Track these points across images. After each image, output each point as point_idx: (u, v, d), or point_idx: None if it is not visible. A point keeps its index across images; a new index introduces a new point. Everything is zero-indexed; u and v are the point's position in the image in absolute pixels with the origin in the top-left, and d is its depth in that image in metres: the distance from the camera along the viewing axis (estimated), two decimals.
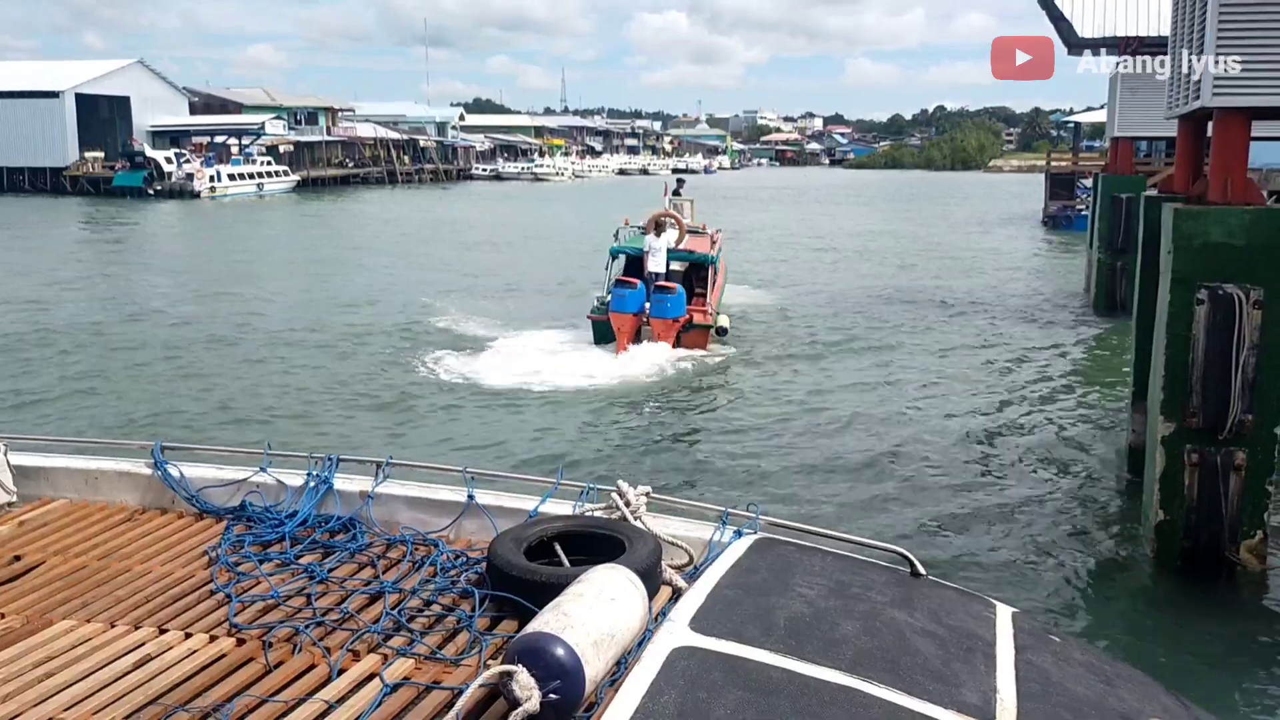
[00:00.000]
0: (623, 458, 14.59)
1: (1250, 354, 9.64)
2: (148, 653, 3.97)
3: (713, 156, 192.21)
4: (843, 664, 3.04)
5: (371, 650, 4.01)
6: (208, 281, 32.97)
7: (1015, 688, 3.12)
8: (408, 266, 37.93)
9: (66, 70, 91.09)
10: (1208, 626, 9.71)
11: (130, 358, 21.08)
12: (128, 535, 5.26)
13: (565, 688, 3.20)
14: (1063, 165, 61.57)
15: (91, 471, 5.84)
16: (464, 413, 16.78)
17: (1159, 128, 20.73)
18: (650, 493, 4.89)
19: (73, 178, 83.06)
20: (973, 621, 3.57)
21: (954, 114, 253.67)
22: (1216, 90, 9.77)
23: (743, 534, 4.41)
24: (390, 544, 5.03)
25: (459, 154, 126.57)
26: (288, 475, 5.62)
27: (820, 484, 13.55)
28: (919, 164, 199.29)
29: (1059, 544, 11.66)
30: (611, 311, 21.16)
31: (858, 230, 56.57)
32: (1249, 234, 9.74)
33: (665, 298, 21.16)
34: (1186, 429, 9.97)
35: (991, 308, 29.15)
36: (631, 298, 21.05)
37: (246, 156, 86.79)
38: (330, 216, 66.14)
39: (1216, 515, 9.93)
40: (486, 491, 5.32)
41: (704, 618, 3.19)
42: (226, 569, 4.74)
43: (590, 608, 3.44)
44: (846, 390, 18.80)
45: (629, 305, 21.05)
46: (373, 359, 20.86)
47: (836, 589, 3.61)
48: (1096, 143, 70.59)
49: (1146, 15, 25.51)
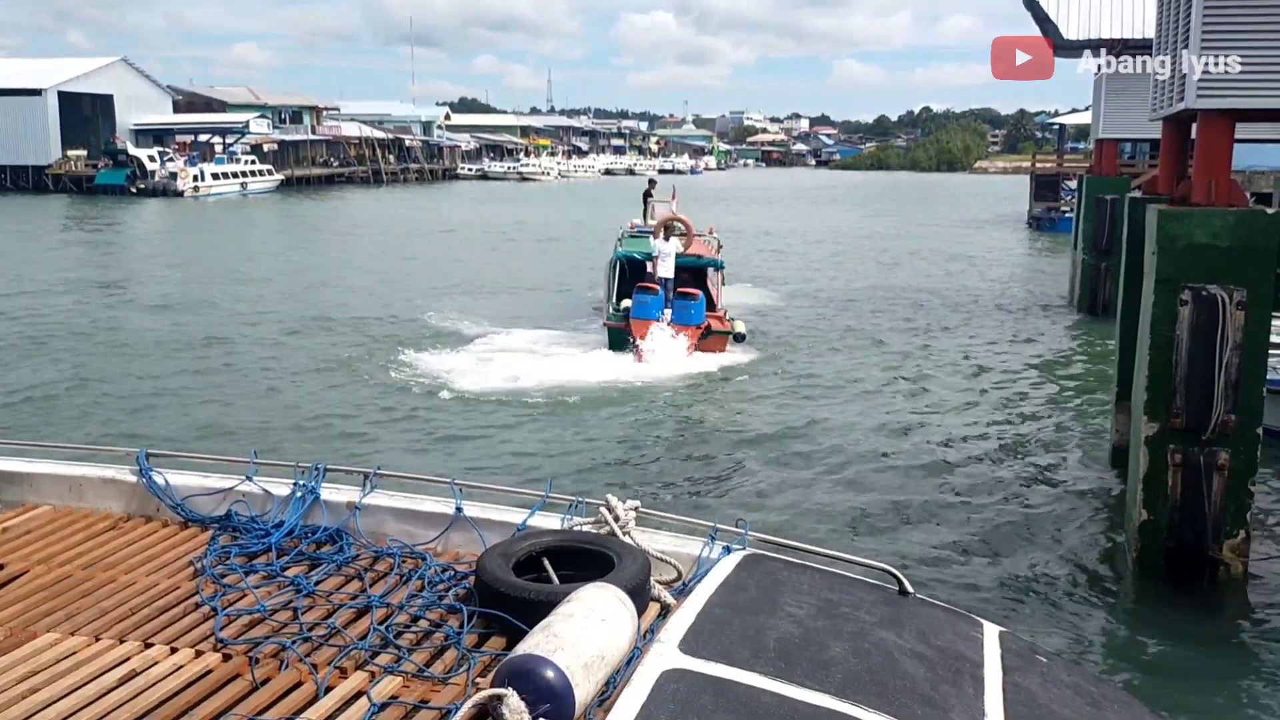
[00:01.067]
0: (611, 467, 14.50)
1: (1233, 355, 9.68)
2: (133, 668, 3.93)
3: (699, 157, 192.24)
4: (832, 687, 3.04)
5: (359, 667, 3.98)
6: (191, 283, 32.82)
7: (1003, 711, 3.13)
8: (395, 268, 37.85)
9: (49, 68, 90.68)
10: (1190, 626, 9.76)
11: (114, 361, 20.95)
12: (112, 544, 5.22)
13: (555, 711, 3.18)
14: (1048, 167, 61.86)
15: (75, 478, 5.78)
16: (454, 418, 16.65)
17: (1143, 130, 20.76)
18: (639, 507, 4.88)
19: (55, 176, 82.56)
20: (960, 642, 3.57)
21: (940, 115, 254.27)
22: (1201, 92, 9.81)
23: (731, 550, 4.41)
24: (378, 556, 5.00)
25: (444, 153, 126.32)
26: (274, 484, 5.57)
27: (806, 495, 13.50)
28: (905, 165, 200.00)
29: (1043, 545, 11.69)
30: (633, 318, 20.84)
31: (844, 231, 56.70)
32: (1232, 235, 9.77)
33: (688, 304, 21.02)
34: (1170, 429, 10.00)
35: (976, 309, 29.23)
36: (654, 304, 20.77)
37: (230, 155, 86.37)
38: (315, 216, 65.93)
39: (1200, 515, 9.95)
40: (475, 503, 5.28)
41: (694, 639, 3.18)
42: (212, 581, 4.70)
43: (580, 629, 3.42)
44: (830, 395, 18.77)
45: (651, 312, 20.75)
46: (360, 363, 20.72)
47: (825, 608, 3.61)
48: (1081, 144, 70.84)
49: (1132, 17, 25.59)
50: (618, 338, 21.09)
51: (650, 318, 20.70)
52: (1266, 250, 9.87)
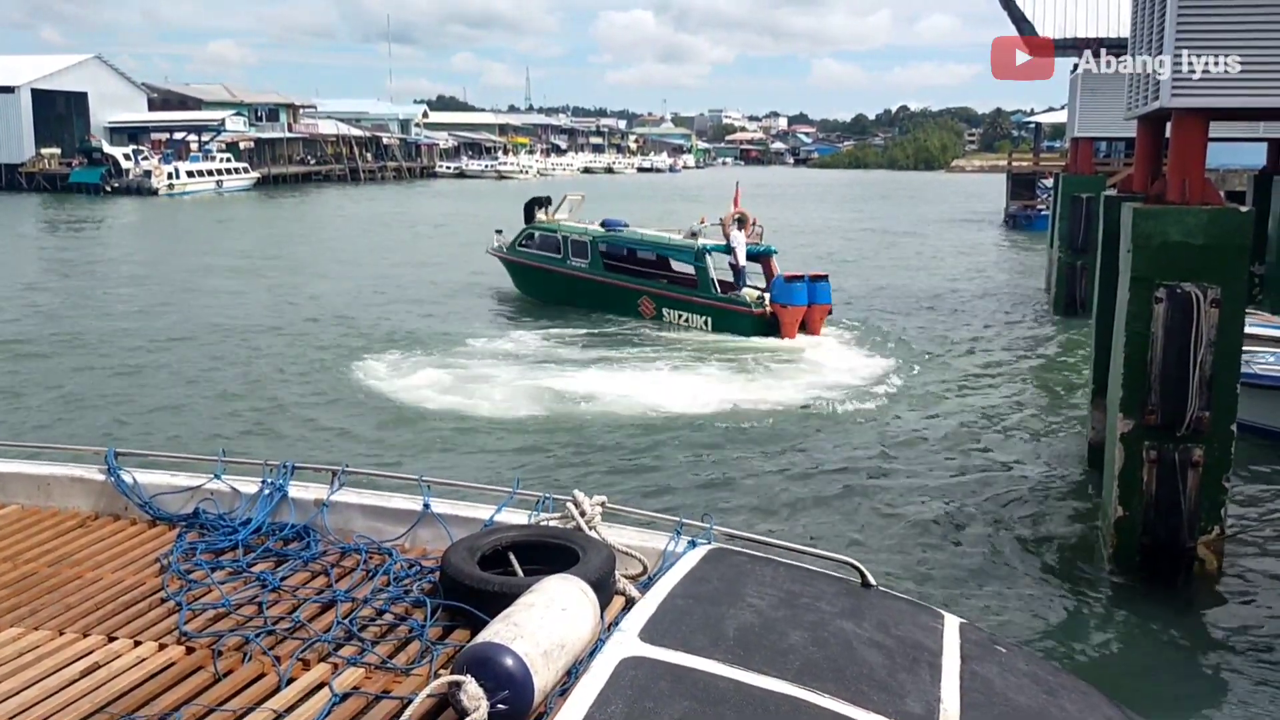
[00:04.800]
0: (578, 465, 14.43)
1: (1208, 352, 9.74)
2: (95, 661, 3.94)
3: (678, 155, 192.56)
4: (789, 674, 3.06)
5: (322, 659, 3.99)
6: (163, 282, 32.64)
7: (959, 698, 3.15)
8: (372, 265, 37.72)
9: (22, 65, 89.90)
10: (1165, 621, 9.81)
11: (83, 360, 20.80)
12: (79, 542, 5.21)
13: (513, 698, 3.20)
14: (1024, 165, 62.16)
15: (44, 477, 5.78)
16: (425, 418, 16.58)
17: (1119, 128, 20.92)
18: (605, 503, 4.91)
19: (29, 174, 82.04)
20: (920, 632, 3.60)
21: (917, 114, 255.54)
22: (1175, 92, 9.84)
23: (697, 544, 4.42)
24: (344, 552, 5.01)
25: (423, 152, 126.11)
26: (242, 482, 5.59)
27: (773, 490, 13.49)
28: (882, 164, 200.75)
29: (1018, 541, 11.74)
30: (787, 304, 22.72)
31: (821, 229, 56.74)
32: (1206, 234, 9.83)
33: (825, 286, 23.25)
34: (1145, 426, 10.05)
35: (952, 307, 29.33)
36: (801, 290, 22.80)
37: (205, 153, 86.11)
38: (291, 215, 65.67)
39: (1175, 511, 10.01)
40: (442, 500, 5.30)
41: (653, 628, 3.19)
42: (178, 577, 4.71)
43: (541, 618, 3.44)
44: (801, 390, 18.75)
45: (799, 297, 22.75)
46: (331, 362, 20.66)
47: (786, 599, 3.63)
48: (1057, 143, 71.11)
49: (1107, 17, 25.73)
50: (760, 324, 22.97)
51: (800, 303, 22.79)
52: (1240, 248, 9.94)
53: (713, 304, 23.86)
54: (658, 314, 24.84)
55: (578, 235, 26.69)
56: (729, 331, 23.23)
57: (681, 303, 24.47)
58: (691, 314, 24.21)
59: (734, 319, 23.43)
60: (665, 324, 24.45)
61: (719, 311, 23.71)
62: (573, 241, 26.60)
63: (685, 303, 24.38)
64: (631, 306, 25.26)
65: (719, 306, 23.76)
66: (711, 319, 23.80)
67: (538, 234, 27.90)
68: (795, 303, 22.76)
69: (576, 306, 25.82)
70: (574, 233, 26.86)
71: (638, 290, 25.38)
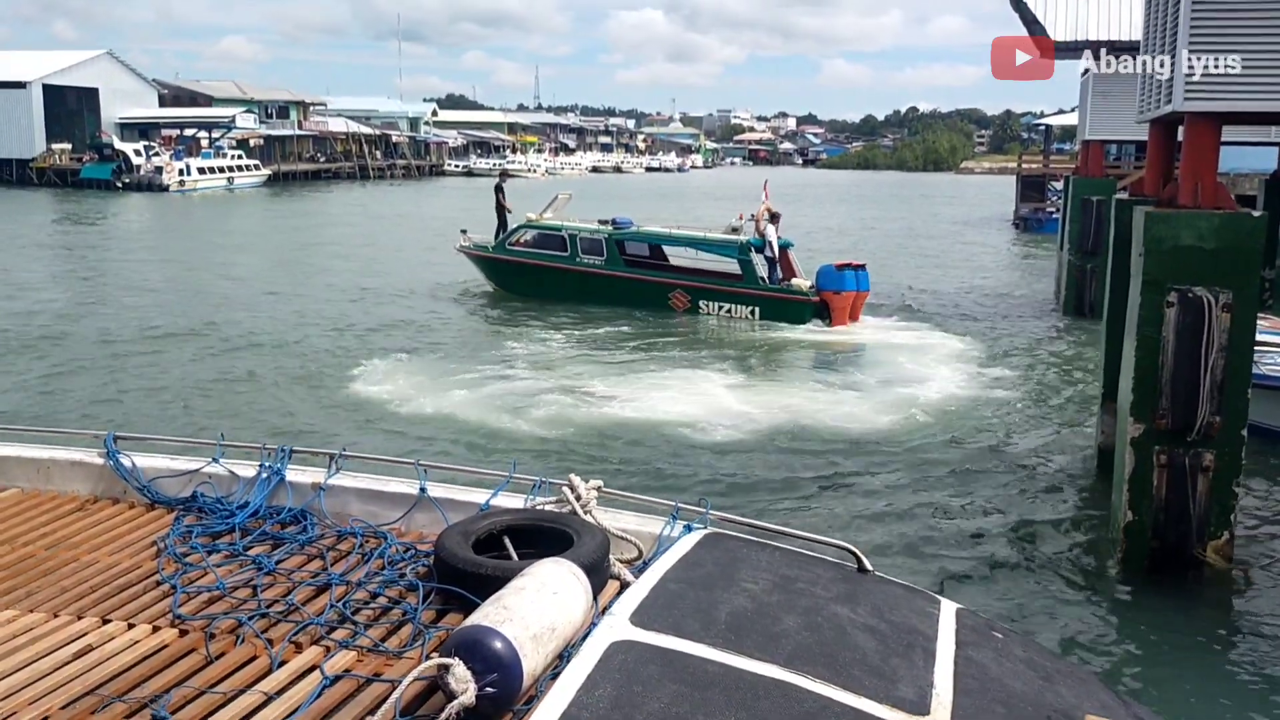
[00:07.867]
0: (578, 449, 14.48)
1: (1219, 356, 9.70)
2: (89, 643, 3.96)
3: (686, 155, 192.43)
4: (780, 658, 3.05)
5: (315, 642, 4.00)
6: (170, 277, 32.73)
7: (952, 683, 3.14)
8: (379, 261, 37.75)
9: (34, 60, 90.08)
10: (1173, 626, 9.75)
11: (88, 349, 20.86)
12: (77, 525, 5.25)
13: (502, 680, 3.20)
14: (1033, 168, 62.06)
15: (43, 461, 5.82)
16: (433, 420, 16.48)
17: (1130, 131, 20.86)
18: (601, 487, 4.91)
19: (40, 169, 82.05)
20: (915, 617, 3.58)
21: (926, 115, 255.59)
22: (1188, 95, 9.80)
23: (692, 529, 4.41)
24: (340, 536, 5.02)
25: (432, 150, 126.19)
26: (240, 466, 5.63)
27: (776, 480, 13.49)
28: (891, 165, 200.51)
29: (1026, 544, 11.69)
30: (838, 291, 23.86)
31: (831, 229, 56.63)
32: (1218, 237, 9.79)
33: (865, 274, 24.47)
34: (1156, 430, 10.02)
35: (962, 308, 29.23)
36: (851, 278, 24.03)
37: (216, 150, 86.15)
38: (301, 212, 65.72)
39: (1184, 516, 9.98)
40: (439, 484, 5.32)
41: (645, 612, 3.19)
42: (174, 560, 4.73)
43: (531, 601, 3.44)
44: (809, 386, 18.75)
45: (850, 284, 23.99)
46: (339, 358, 20.66)
47: (781, 584, 3.62)
48: (1067, 145, 71.06)
49: (1119, 19, 25.63)
50: (811, 310, 23.99)
51: (851, 290, 24.06)
52: (1251, 252, 9.91)
53: (762, 294, 24.48)
54: (692, 307, 25.24)
55: (589, 233, 26.66)
56: (780, 320, 24.01)
57: (723, 294, 25.02)
58: (736, 305, 24.79)
59: (788, 307, 24.16)
60: (702, 316, 24.99)
61: (768, 301, 24.40)
62: (582, 239, 26.54)
63: (728, 294, 24.95)
64: (660, 301, 25.46)
65: (769, 296, 24.42)
66: (759, 308, 24.46)
67: (533, 232, 27.73)
68: (845, 289, 23.84)
69: (586, 304, 25.77)
70: (583, 230, 26.82)
71: (668, 285, 25.64)
